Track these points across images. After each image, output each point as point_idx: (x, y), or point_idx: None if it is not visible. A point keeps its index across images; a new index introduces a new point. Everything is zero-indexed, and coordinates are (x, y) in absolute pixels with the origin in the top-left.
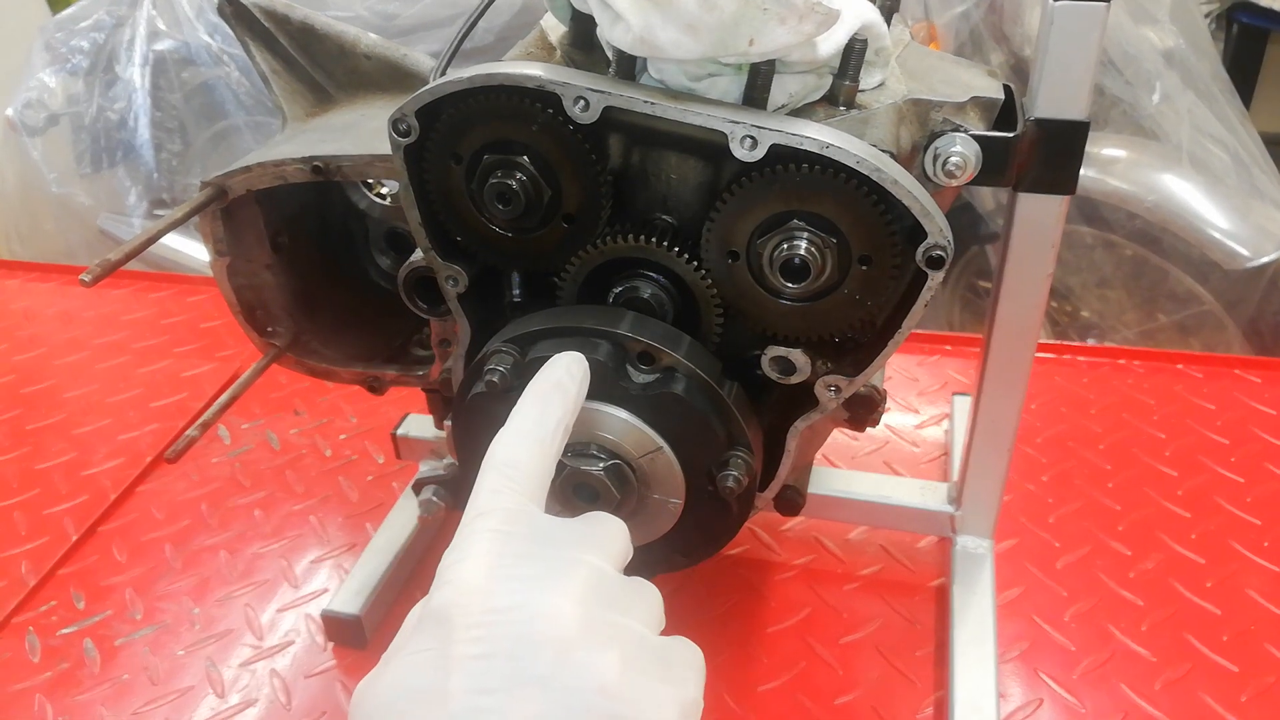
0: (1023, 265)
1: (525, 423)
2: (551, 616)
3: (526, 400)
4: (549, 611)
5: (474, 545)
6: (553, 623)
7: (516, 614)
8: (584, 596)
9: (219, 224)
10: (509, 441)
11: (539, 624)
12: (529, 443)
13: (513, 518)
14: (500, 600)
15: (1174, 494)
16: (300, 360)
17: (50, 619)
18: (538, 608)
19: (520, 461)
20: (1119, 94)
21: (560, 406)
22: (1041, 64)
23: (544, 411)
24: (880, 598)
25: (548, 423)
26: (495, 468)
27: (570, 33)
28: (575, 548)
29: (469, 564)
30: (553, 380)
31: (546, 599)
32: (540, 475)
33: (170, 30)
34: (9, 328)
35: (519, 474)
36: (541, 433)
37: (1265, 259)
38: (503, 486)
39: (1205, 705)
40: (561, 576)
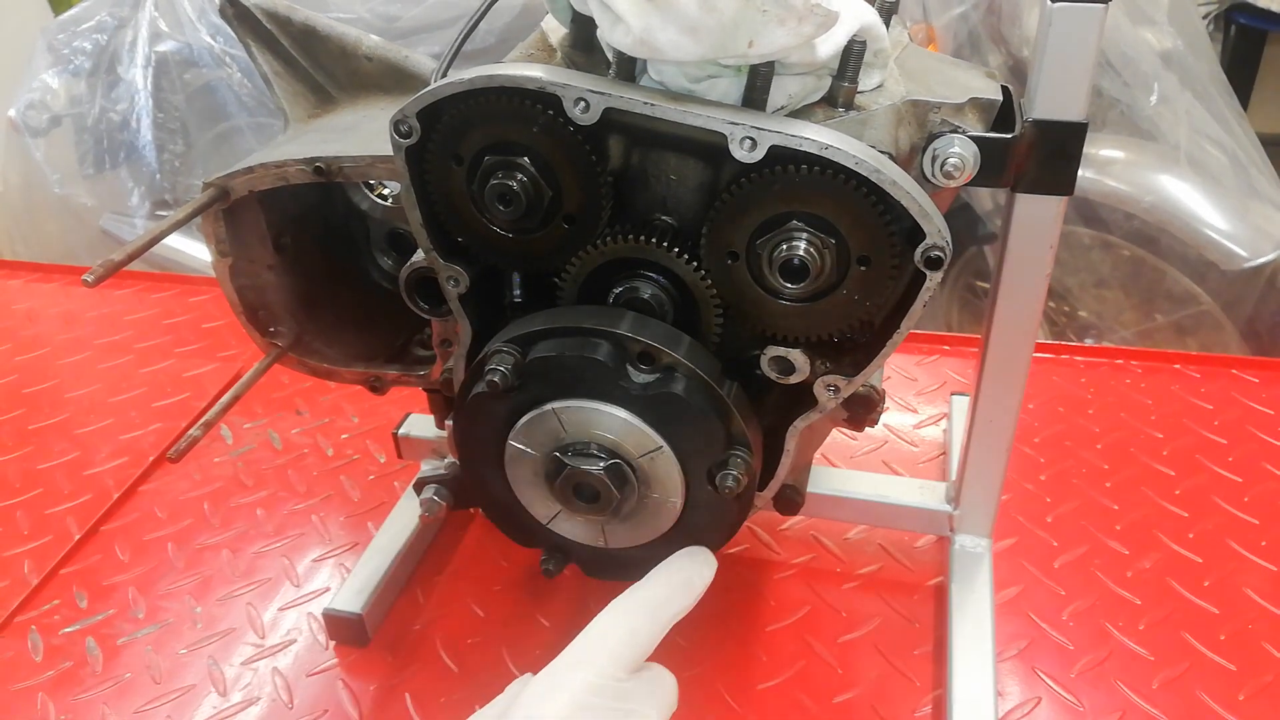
0: (1021, 266)
1: (651, 601)
2: None
3: (662, 578)
4: None
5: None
6: None
7: None
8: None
9: (221, 225)
10: (631, 608)
11: None
12: (645, 620)
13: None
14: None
15: (1172, 493)
16: (302, 360)
17: (53, 618)
18: None
19: (634, 633)
20: (1117, 95)
21: (685, 600)
22: (1039, 65)
23: (670, 599)
24: (879, 596)
25: (669, 610)
26: (608, 627)
27: (571, 35)
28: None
29: (557, 698)
30: (688, 574)
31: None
32: (641, 653)
33: (172, 32)
34: (12, 328)
35: (626, 647)
36: (660, 617)
37: (1263, 259)
38: (609, 649)
39: (1203, 704)
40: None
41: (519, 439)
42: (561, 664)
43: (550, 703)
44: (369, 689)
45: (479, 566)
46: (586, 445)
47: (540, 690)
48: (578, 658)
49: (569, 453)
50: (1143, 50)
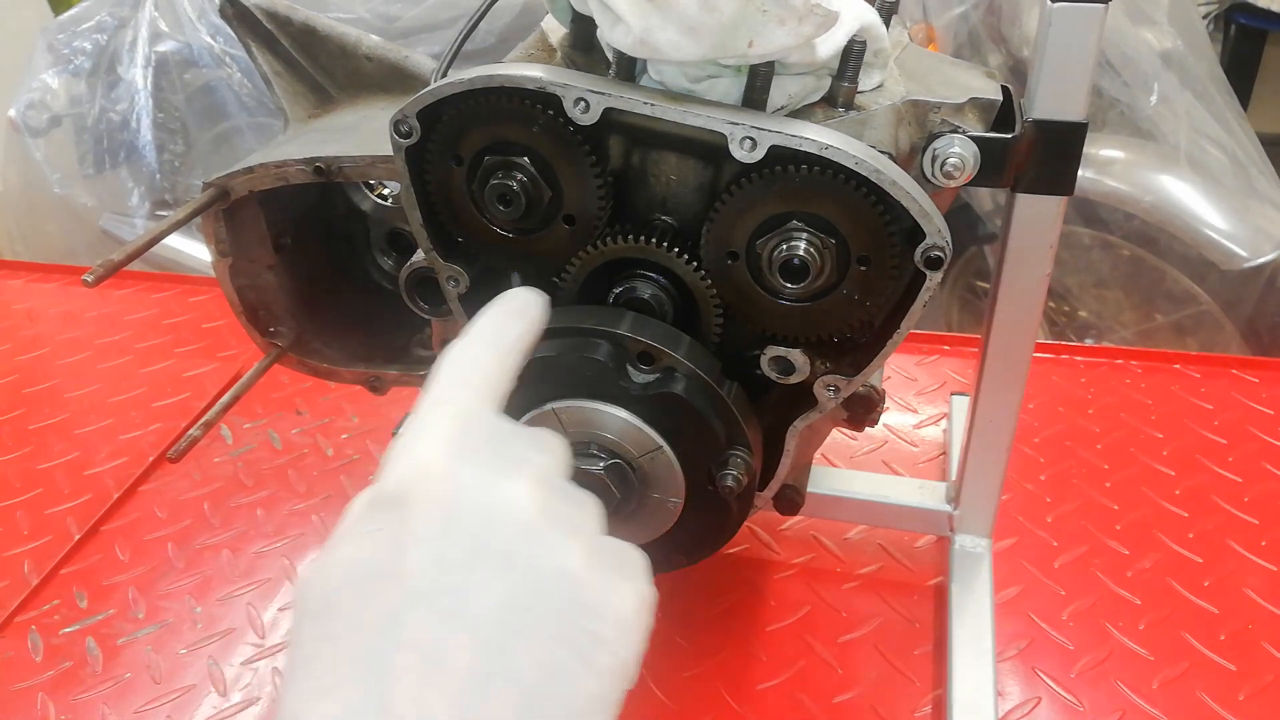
0: (1021, 266)
1: (484, 333)
2: (514, 499)
3: (485, 315)
4: (511, 494)
5: (432, 428)
6: (515, 505)
7: (478, 493)
8: (543, 487)
9: (221, 225)
10: (467, 343)
11: (501, 505)
12: (487, 350)
13: (471, 410)
14: (461, 480)
15: (1172, 493)
16: (302, 360)
17: (53, 618)
18: (500, 490)
19: (479, 362)
20: (1117, 95)
21: (520, 323)
22: (1039, 65)
23: (503, 324)
24: (879, 596)
25: (507, 335)
26: (454, 364)
27: (571, 34)
28: (530, 447)
29: (426, 444)
30: (514, 302)
31: (508, 482)
32: (497, 381)
33: (172, 32)
34: (12, 328)
35: (477, 374)
36: (500, 342)
37: (1263, 259)
38: (461, 382)
39: (1203, 704)
40: (521, 465)
41: None
42: (418, 413)
43: (419, 452)
44: None
45: None
46: (587, 445)
47: (404, 443)
48: (433, 402)
49: None
50: (1143, 50)
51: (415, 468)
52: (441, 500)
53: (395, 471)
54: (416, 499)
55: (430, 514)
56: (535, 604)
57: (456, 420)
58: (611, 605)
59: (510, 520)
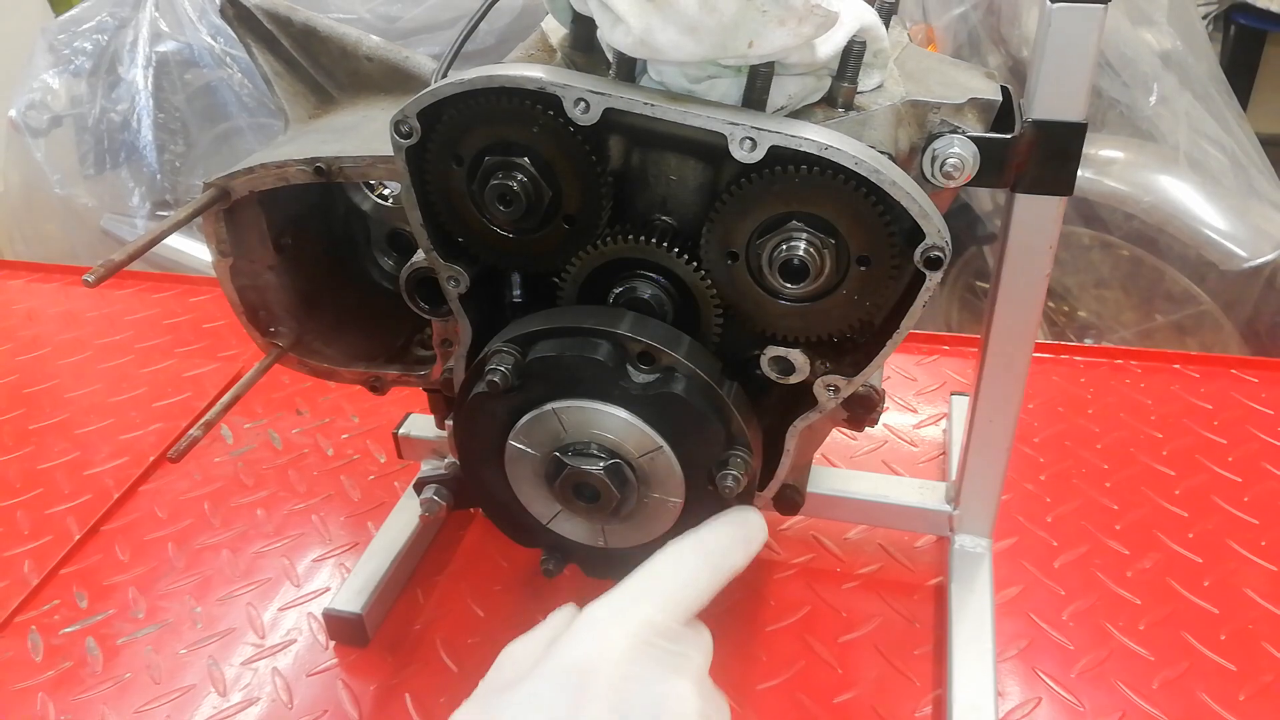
0: (1020, 266)
1: (713, 550)
2: (681, 698)
3: (721, 525)
4: (678, 693)
5: (627, 617)
6: (682, 703)
7: (651, 686)
8: (702, 687)
9: (222, 225)
10: (693, 549)
11: (671, 702)
12: (706, 568)
13: (665, 615)
14: (637, 670)
15: (1171, 493)
16: (302, 360)
17: (53, 618)
18: (669, 687)
19: (695, 578)
20: (1116, 95)
21: (740, 556)
22: (1039, 66)
23: (729, 549)
24: (879, 596)
25: (728, 561)
26: (673, 565)
27: (571, 35)
28: (693, 646)
29: (617, 630)
30: (747, 530)
31: (677, 681)
32: (698, 602)
33: (173, 32)
34: (12, 328)
35: (685, 589)
36: (719, 565)
37: (1262, 259)
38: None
39: (1203, 704)
40: (686, 665)
41: (519, 439)
42: (622, 597)
43: (611, 635)
44: (369, 689)
45: (479, 566)
46: (586, 445)
47: (599, 620)
48: (638, 593)
49: (569, 453)
50: (1142, 51)
51: (602, 647)
52: (618, 685)
53: (584, 645)
54: (599, 677)
55: (603, 694)
56: None
57: (649, 618)
58: None
59: (676, 716)
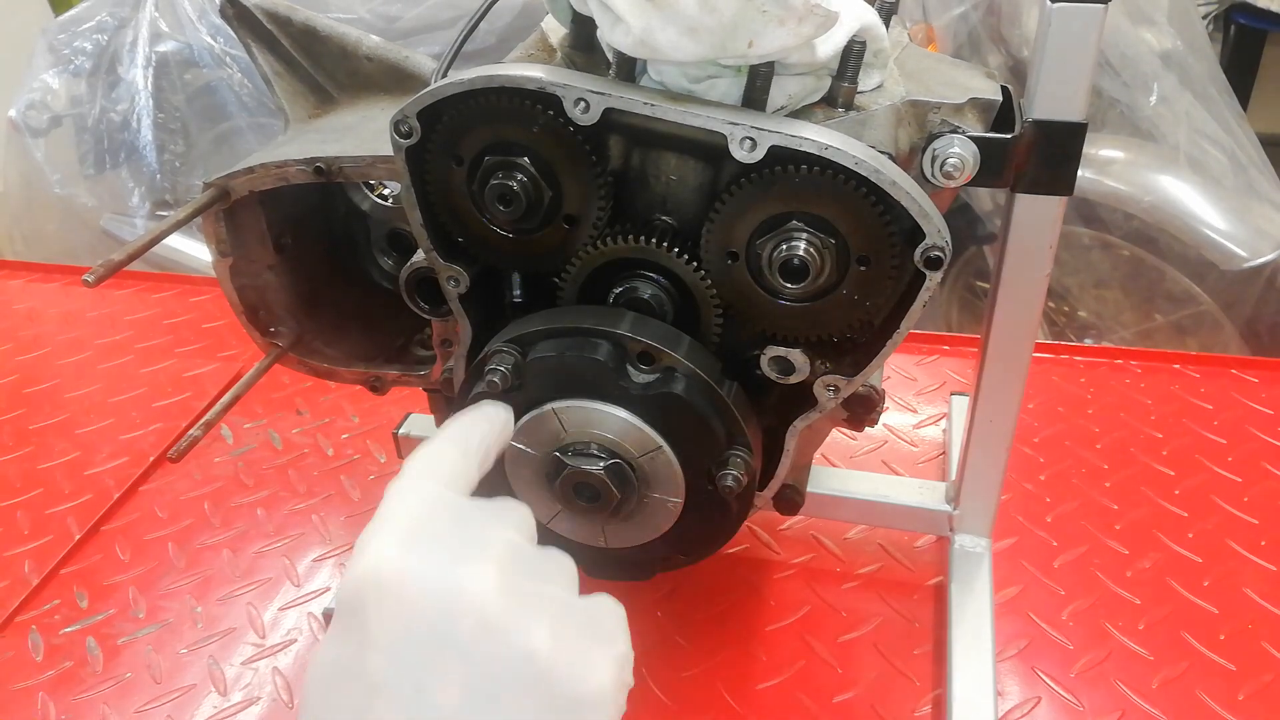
0: (1020, 266)
1: (449, 432)
2: (472, 588)
3: (451, 420)
4: (469, 584)
5: (389, 522)
6: (474, 594)
7: (435, 585)
8: (503, 567)
9: (221, 225)
10: (431, 441)
11: (459, 596)
12: (452, 445)
13: (431, 498)
14: (416, 573)
15: (1171, 493)
16: (302, 360)
17: (53, 618)
18: (457, 580)
19: (444, 455)
20: (1116, 95)
21: (485, 426)
22: (1039, 65)
23: (469, 427)
24: (879, 596)
25: (472, 435)
26: (417, 458)
27: (571, 35)
28: (495, 523)
29: (381, 539)
30: (480, 411)
31: (466, 570)
32: (461, 474)
33: (173, 32)
34: (12, 328)
35: (442, 467)
36: (465, 440)
37: (1262, 259)
38: (424, 473)
39: (1203, 704)
40: (485, 546)
41: (519, 439)
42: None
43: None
44: None
45: None
46: (586, 445)
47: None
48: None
49: (569, 453)
50: (1142, 51)
51: (371, 565)
52: (396, 598)
53: (354, 570)
54: (371, 599)
55: (385, 613)
56: (502, 693)
57: (415, 510)
58: (584, 679)
59: (470, 609)
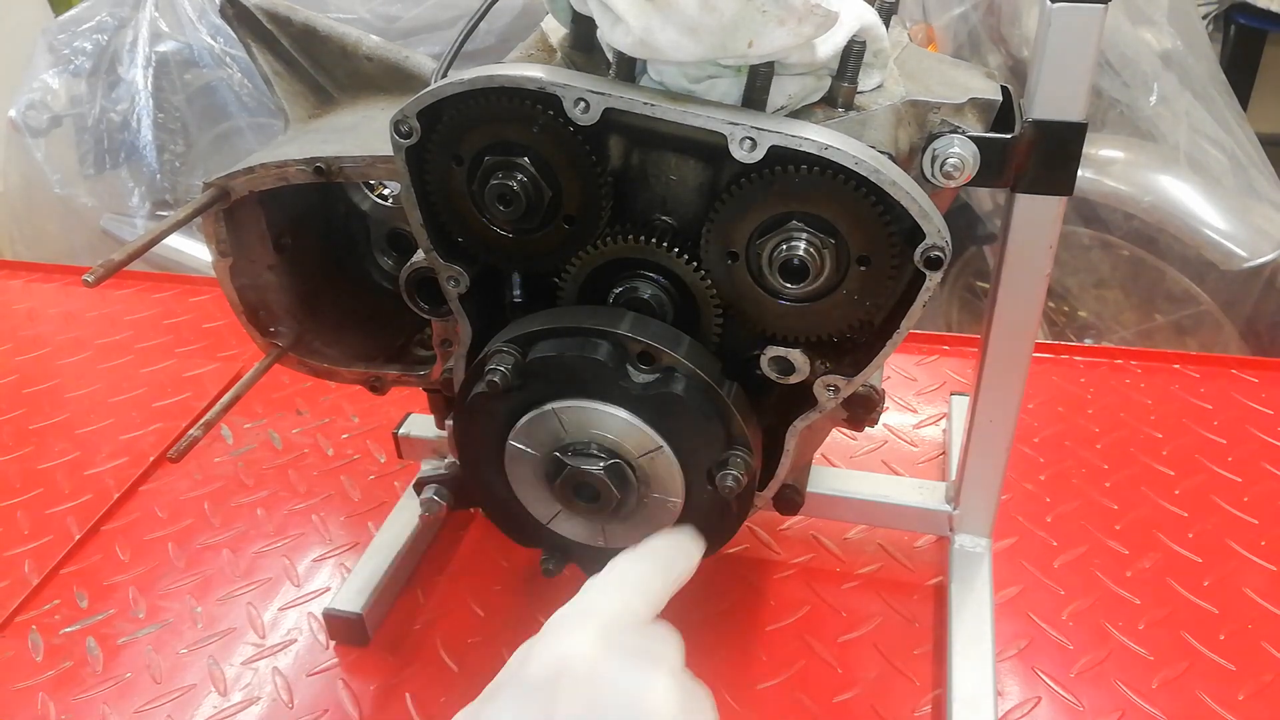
0: (1020, 266)
1: (658, 554)
2: (654, 699)
3: (660, 539)
4: (652, 694)
5: (594, 617)
6: (656, 704)
7: (624, 688)
8: (678, 680)
9: (221, 225)
10: (641, 556)
11: (643, 702)
12: (657, 572)
13: (630, 609)
14: (607, 670)
15: (1171, 493)
16: (302, 360)
17: (53, 618)
18: (643, 687)
19: (649, 575)
20: (1116, 95)
21: (684, 563)
22: (1039, 66)
23: (673, 557)
24: (879, 596)
25: (675, 565)
26: (627, 567)
27: (571, 35)
28: (664, 641)
29: (588, 632)
30: (683, 540)
31: (653, 675)
32: (656, 598)
33: (173, 32)
34: (12, 328)
35: (643, 584)
36: (668, 570)
37: (1262, 259)
38: (629, 582)
39: (1202, 704)
40: (661, 660)
41: (519, 439)
42: (586, 600)
43: (578, 634)
44: (369, 689)
45: (479, 566)
46: (586, 445)
47: (566, 619)
48: (600, 595)
49: (569, 453)
50: (1142, 51)
51: (568, 652)
52: (589, 688)
53: (550, 650)
54: (566, 684)
55: (577, 700)
56: None
57: (617, 614)
58: None
59: (649, 711)
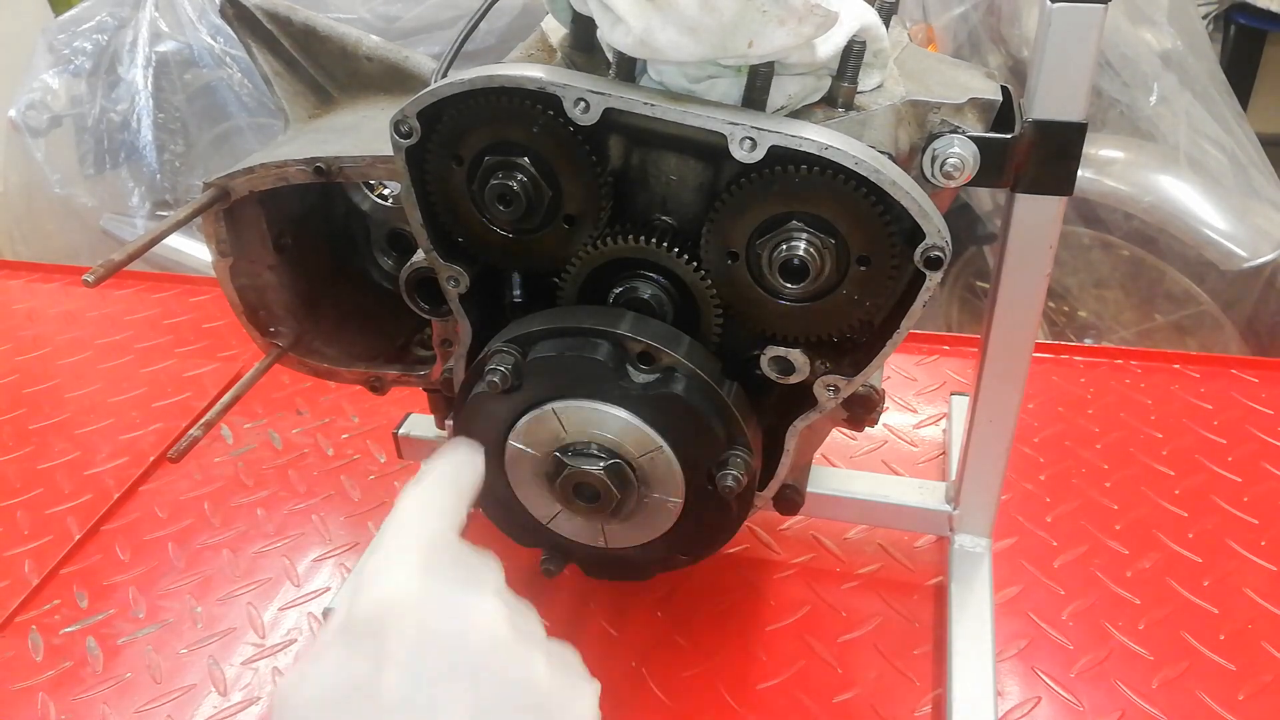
0: (1020, 266)
1: (440, 475)
2: (482, 619)
3: (436, 462)
4: (479, 614)
5: (403, 552)
6: (484, 624)
7: (450, 611)
8: (504, 600)
9: (222, 225)
10: (425, 483)
11: (472, 624)
12: (447, 487)
13: (436, 535)
14: (432, 600)
15: (1171, 493)
16: (302, 360)
17: (53, 618)
18: (469, 610)
19: (441, 496)
20: (1116, 95)
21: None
22: (1039, 65)
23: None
24: (879, 596)
25: (461, 477)
26: (416, 497)
27: (571, 35)
28: (482, 565)
29: (398, 569)
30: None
31: (477, 599)
32: (455, 515)
33: (173, 32)
34: (12, 328)
35: (442, 505)
36: (457, 484)
37: (1262, 259)
38: (425, 511)
39: (1202, 704)
40: (484, 582)
41: (519, 439)
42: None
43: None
44: None
45: None
46: (586, 445)
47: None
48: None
49: (569, 453)
50: (1142, 50)
51: (389, 591)
52: (416, 621)
53: (370, 595)
54: (391, 621)
55: (405, 635)
56: (505, 713)
57: (424, 544)
58: (572, 706)
59: (481, 635)
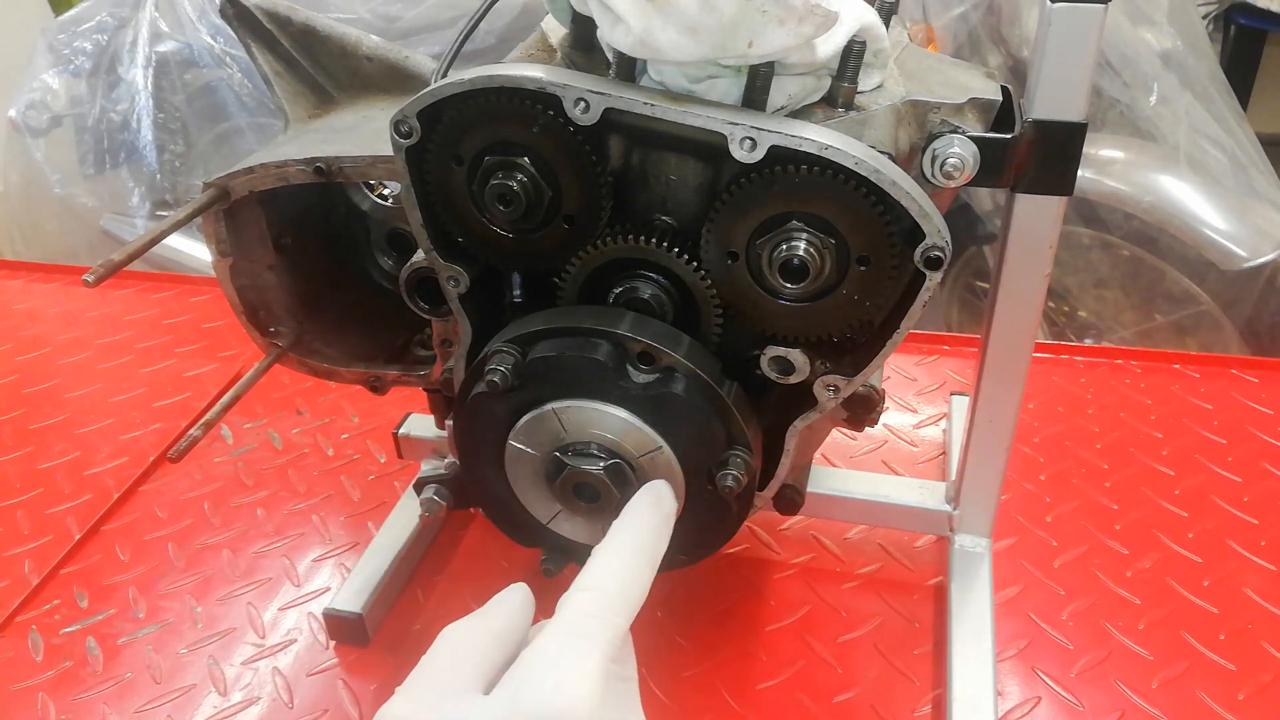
0: (1020, 266)
1: (648, 537)
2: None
3: (638, 517)
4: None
5: (587, 660)
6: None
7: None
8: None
9: (221, 225)
10: (631, 555)
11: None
12: (647, 566)
13: (617, 636)
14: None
15: (1171, 493)
16: (302, 360)
17: (53, 618)
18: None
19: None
20: (1116, 95)
21: (667, 533)
22: (1039, 65)
23: (659, 534)
24: (879, 596)
25: (661, 548)
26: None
27: (571, 35)
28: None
29: (579, 673)
30: (663, 509)
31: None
32: (640, 595)
33: (173, 32)
34: (12, 328)
35: (630, 590)
36: (656, 555)
37: (1262, 259)
38: (616, 597)
39: (1202, 704)
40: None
41: (519, 439)
42: (573, 625)
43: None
44: (369, 689)
45: (479, 566)
46: (586, 445)
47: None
48: (588, 617)
49: (569, 453)
50: (1142, 50)
51: (567, 698)
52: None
53: (550, 700)
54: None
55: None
56: None
57: (608, 644)
58: None
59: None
